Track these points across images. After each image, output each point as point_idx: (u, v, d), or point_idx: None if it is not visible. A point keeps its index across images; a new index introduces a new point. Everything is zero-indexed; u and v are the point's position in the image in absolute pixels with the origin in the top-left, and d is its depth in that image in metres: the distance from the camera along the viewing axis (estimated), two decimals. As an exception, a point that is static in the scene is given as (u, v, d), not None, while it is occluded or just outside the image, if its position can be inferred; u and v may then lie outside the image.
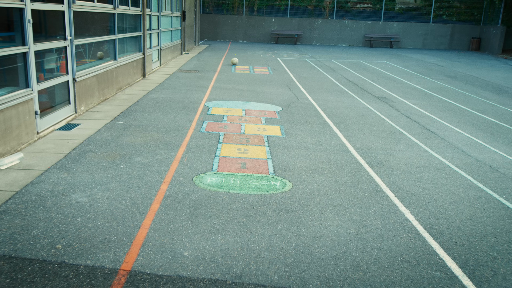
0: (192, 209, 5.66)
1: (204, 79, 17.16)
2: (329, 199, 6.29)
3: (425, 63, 28.26)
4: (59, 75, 9.54)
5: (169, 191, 6.20)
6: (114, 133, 8.90)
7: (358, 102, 14.24)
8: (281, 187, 6.62)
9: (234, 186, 6.52)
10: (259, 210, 5.76)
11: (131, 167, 7.03)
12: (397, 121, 11.79)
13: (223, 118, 10.83)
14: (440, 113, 13.25)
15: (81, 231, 4.93)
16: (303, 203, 6.10)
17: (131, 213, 5.44)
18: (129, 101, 12.17)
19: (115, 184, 6.32)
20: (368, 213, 5.91)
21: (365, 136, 10.05)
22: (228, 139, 9.01)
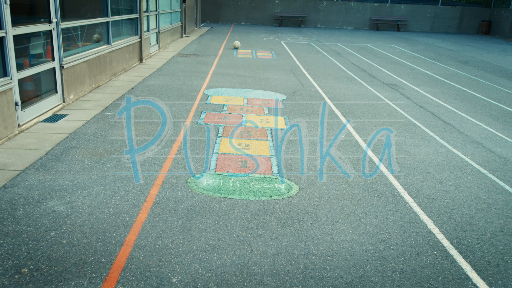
0: (185, 220, 4.94)
1: (204, 64, 16.32)
2: (341, 206, 5.55)
3: (434, 47, 27.25)
4: (45, 61, 8.75)
5: (159, 196, 5.48)
6: (103, 126, 8.15)
7: (367, 89, 13.42)
8: (286, 191, 5.89)
9: (234, 190, 5.79)
10: (261, 221, 5.03)
11: (119, 167, 6.29)
12: (410, 111, 10.99)
13: (223, 108, 10.05)
14: (454, 102, 12.43)
15: (54, 250, 4.22)
16: (312, 211, 5.37)
17: (114, 226, 4.72)
18: (123, 88, 11.39)
19: (98, 187, 5.59)
20: (386, 224, 5.18)
21: (376, 127, 9.27)
22: (228, 132, 8.25)
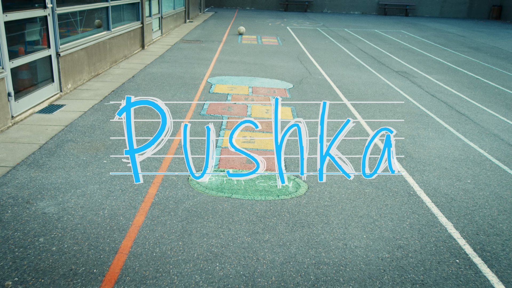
0: (185, 223, 4.57)
1: (208, 50, 15.83)
2: (353, 207, 5.16)
3: (444, 33, 26.54)
4: (40, 49, 8.34)
5: (158, 196, 5.10)
6: (101, 117, 7.76)
7: (377, 77, 12.93)
8: (294, 190, 5.50)
9: (238, 189, 5.40)
10: (268, 224, 4.65)
11: (116, 162, 5.92)
12: (422, 101, 10.52)
13: (227, 98, 9.63)
14: (468, 91, 11.93)
15: (42, 259, 3.87)
16: (322, 213, 4.98)
17: (108, 230, 4.36)
18: (124, 76, 10.97)
19: (94, 186, 5.22)
20: (403, 228, 4.79)
21: (388, 119, 8.82)
22: (232, 124, 7.84)
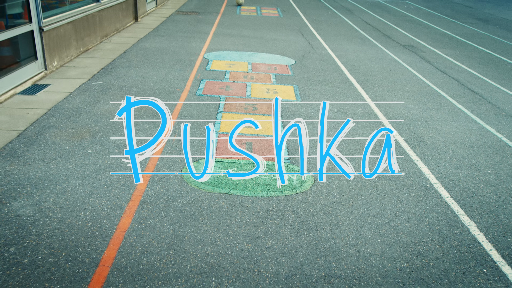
0: (177, 227, 4.05)
1: (205, 22, 15.04)
2: (365, 204, 4.64)
3: (450, 3, 25.55)
4: (22, 23, 7.66)
5: (148, 193, 4.57)
6: (88, 98, 7.15)
7: (383, 52, 12.24)
8: (299, 184, 4.97)
9: (237, 184, 4.87)
10: (270, 227, 4.14)
11: (102, 152, 5.36)
12: (432, 78, 9.90)
13: (225, 76, 8.98)
14: (479, 67, 11.28)
15: (10, 275, 3.35)
16: (330, 211, 4.46)
17: (89, 236, 3.84)
18: (115, 52, 10.28)
19: (76, 181, 4.68)
20: (421, 229, 4.28)
21: (397, 99, 8.23)
22: (230, 107, 7.25)
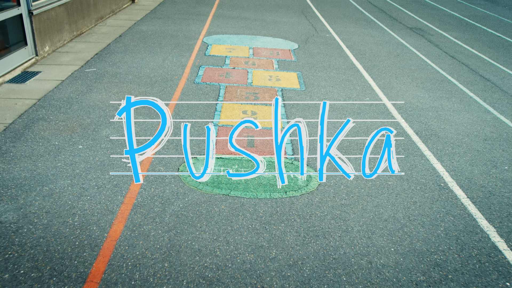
0: (173, 234, 3.72)
1: (204, 4, 14.50)
2: (376, 206, 4.31)
3: (457, -18, 24.81)
4: (9, 6, 7.22)
5: (142, 194, 4.23)
6: (81, 87, 6.76)
7: (389, 35, 11.77)
8: (304, 183, 4.63)
9: (237, 184, 4.53)
10: (274, 234, 3.81)
11: (94, 148, 5.01)
12: (441, 64, 9.47)
13: (225, 61, 8.57)
14: (489, 52, 10.83)
15: (-12, 293, 3.05)
16: (339, 215, 4.13)
17: (77, 247, 3.52)
18: (110, 36, 9.84)
19: (64, 182, 4.34)
20: (437, 236, 3.96)
21: (406, 87, 7.84)
22: (230, 95, 6.87)
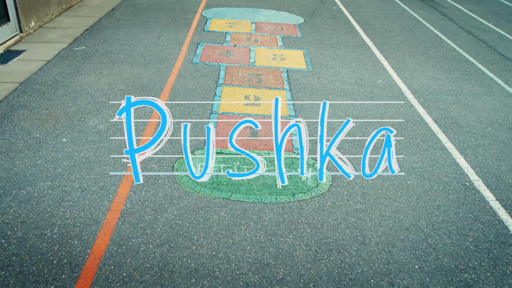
0: (166, 249, 3.25)
1: (204, -27, 13.64)
2: (395, 212, 3.82)
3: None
4: (-12, -23, 6.57)
5: (131, 199, 3.74)
6: (68, 69, 6.19)
7: (401, 8, 11.05)
8: (314, 184, 4.13)
9: (240, 185, 4.03)
10: (281, 248, 3.34)
11: (79, 141, 4.50)
12: (457, 40, 8.83)
13: (226, 38, 7.94)
14: (508, 26, 10.14)
15: None
16: (354, 223, 3.65)
17: (55, 266, 3.05)
18: (102, 9, 9.16)
19: (44, 183, 3.85)
20: (466, 248, 3.48)
21: (421, 66, 7.25)
22: (231, 77, 6.30)
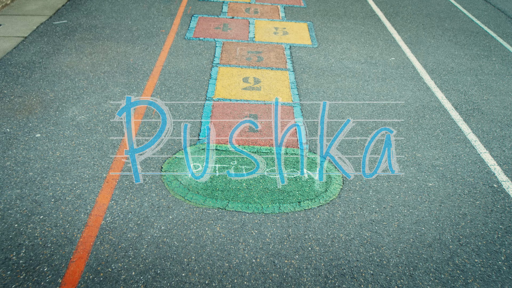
0: (151, 277, 2.78)
1: None
2: (415, 224, 3.33)
3: None
4: None
5: (112, 211, 3.24)
6: (47, 47, 5.57)
7: (412, -28, 10.22)
8: (323, 189, 3.62)
9: (237, 190, 3.52)
10: (286, 274, 2.87)
11: (55, 137, 3.96)
12: (474, 9, 8.13)
13: (222, 9, 7.25)
14: (528, -8, 9.39)
15: None
16: (370, 239, 3.17)
17: (18, 303, 2.58)
18: (87, -25, 8.38)
19: (12, 192, 3.34)
20: (498, 270, 3.02)
21: (436, 41, 6.62)
22: (228, 56, 5.69)
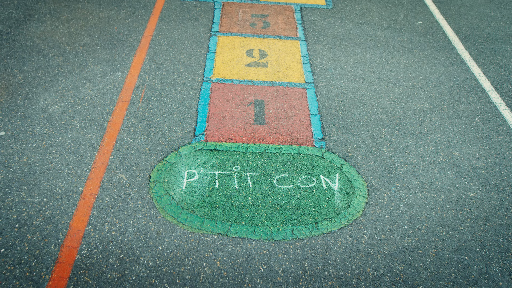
0: None
1: None
2: (457, 250, 2.76)
3: None
4: None
5: (88, 239, 2.66)
6: (16, 12, 4.77)
7: None
8: (344, 204, 3.00)
9: (242, 207, 2.91)
10: (303, 332, 2.32)
11: (22, 135, 3.31)
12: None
13: (222, -41, 6.29)
14: None
15: None
16: (402, 275, 2.61)
17: None
18: None
19: (-33, 214, 2.74)
20: None
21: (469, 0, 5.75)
22: (230, 21, 4.89)
